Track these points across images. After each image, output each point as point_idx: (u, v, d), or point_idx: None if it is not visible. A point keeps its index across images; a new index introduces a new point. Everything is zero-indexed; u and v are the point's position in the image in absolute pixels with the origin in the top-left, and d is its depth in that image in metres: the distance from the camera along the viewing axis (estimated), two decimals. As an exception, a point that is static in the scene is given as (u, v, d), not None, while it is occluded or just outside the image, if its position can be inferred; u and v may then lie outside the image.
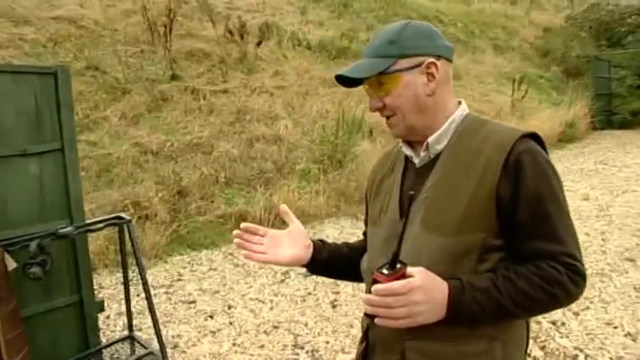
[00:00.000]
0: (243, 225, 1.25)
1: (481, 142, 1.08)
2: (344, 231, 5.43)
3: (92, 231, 2.69)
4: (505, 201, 1.02)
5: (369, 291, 0.99)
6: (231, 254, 4.78)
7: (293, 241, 1.26)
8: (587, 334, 3.20)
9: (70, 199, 2.68)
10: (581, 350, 3.02)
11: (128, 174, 5.53)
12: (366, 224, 1.37)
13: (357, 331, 3.33)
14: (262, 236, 1.25)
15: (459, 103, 1.18)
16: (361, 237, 1.42)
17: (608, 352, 3.01)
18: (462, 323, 1.01)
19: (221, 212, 5.43)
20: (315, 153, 6.84)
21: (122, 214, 2.79)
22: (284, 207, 1.28)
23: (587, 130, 12.01)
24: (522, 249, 1.03)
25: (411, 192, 0.98)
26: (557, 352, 3.00)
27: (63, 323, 2.72)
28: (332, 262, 1.32)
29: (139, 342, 2.95)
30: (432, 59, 1.10)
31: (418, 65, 1.09)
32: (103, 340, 3.07)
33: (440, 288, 0.98)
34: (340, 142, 6.82)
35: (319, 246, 1.31)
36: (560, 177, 1.08)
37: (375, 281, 0.96)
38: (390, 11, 13.18)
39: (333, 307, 3.71)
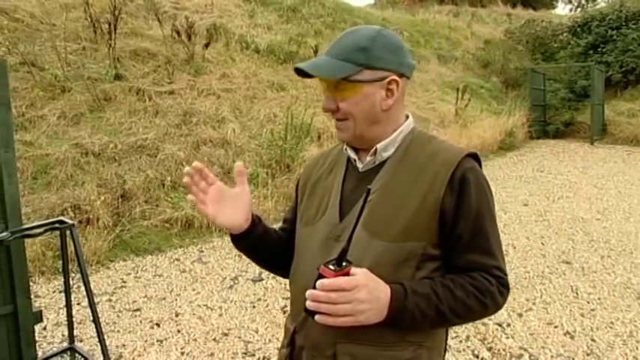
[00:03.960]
0: (195, 164, 1.16)
1: (428, 157, 1.12)
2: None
3: (30, 236, 2.52)
4: (448, 215, 1.07)
5: (310, 287, 0.98)
6: (177, 259, 4.64)
7: (236, 206, 1.19)
8: (531, 334, 3.32)
9: (5, 202, 2.50)
10: (525, 350, 3.13)
11: (68, 176, 5.25)
12: (285, 222, 1.37)
13: (308, 337, 3.30)
14: (210, 184, 1.17)
15: (407, 116, 1.21)
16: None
17: (550, 350, 3.14)
18: (400, 327, 1.03)
19: (166, 217, 5.25)
20: (263, 157, 6.78)
21: (64, 218, 2.63)
22: (240, 165, 1.20)
23: (525, 139, 12.59)
24: (459, 260, 1.09)
25: (369, 187, 0.98)
26: (503, 353, 3.10)
27: (-5, 336, 2.53)
28: (262, 242, 1.27)
29: (80, 354, 2.78)
30: (394, 76, 1.11)
31: (381, 79, 1.09)
32: (40, 353, 2.88)
33: (383, 290, 1.00)
34: (288, 146, 6.79)
35: (256, 220, 1.25)
36: (500, 186, 1.14)
37: (321, 276, 0.96)
38: (337, 18, 13.33)
39: (284, 312, 3.66)
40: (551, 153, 11.38)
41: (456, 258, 1.09)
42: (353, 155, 1.19)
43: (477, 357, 3.05)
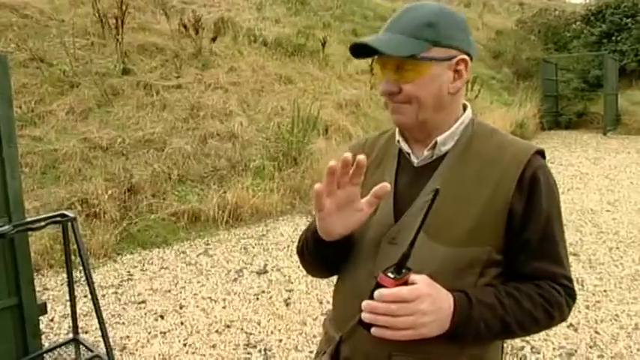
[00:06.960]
0: (348, 156, 0.93)
1: (494, 151, 1.02)
2: (298, 228, 5.41)
3: (33, 229, 2.56)
4: (516, 217, 0.98)
5: (361, 293, 0.89)
6: (183, 252, 4.68)
7: (349, 219, 1.00)
8: (533, 327, 3.30)
9: (8, 197, 2.54)
10: (527, 342, 3.12)
11: (76, 170, 5.32)
12: None
13: (310, 329, 3.33)
14: (354, 185, 0.97)
15: (464, 106, 1.11)
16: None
17: (552, 342, 3.13)
18: (462, 340, 0.94)
19: (173, 210, 5.30)
20: (270, 150, 6.79)
21: (66, 212, 2.67)
22: (386, 186, 0.97)
23: (536, 130, 12.44)
24: (525, 267, 1.00)
25: (437, 187, 0.88)
26: (505, 345, 3.08)
27: None
28: (338, 255, 1.10)
29: (84, 345, 2.83)
30: (463, 56, 1.00)
31: (449, 59, 0.99)
32: (46, 345, 2.94)
33: (446, 299, 0.92)
34: (295, 139, 6.79)
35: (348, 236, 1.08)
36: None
37: (380, 285, 0.87)
38: (346, 9, 13.26)
39: (287, 305, 3.69)
40: (563, 144, 11.25)
41: (522, 265, 0.99)
42: (406, 148, 1.08)
43: (478, 349, 3.05)
